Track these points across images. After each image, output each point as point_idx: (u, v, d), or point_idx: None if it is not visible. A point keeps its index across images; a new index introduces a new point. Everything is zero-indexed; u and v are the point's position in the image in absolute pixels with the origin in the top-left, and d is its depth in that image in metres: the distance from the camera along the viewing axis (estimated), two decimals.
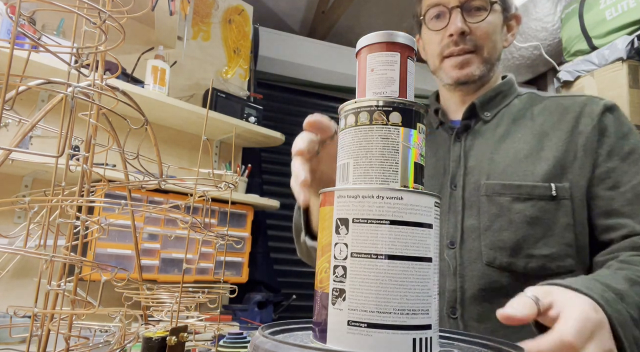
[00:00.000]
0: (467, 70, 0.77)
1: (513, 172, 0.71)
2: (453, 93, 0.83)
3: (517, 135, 0.76)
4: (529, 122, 0.77)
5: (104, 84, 0.41)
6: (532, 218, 0.68)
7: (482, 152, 0.76)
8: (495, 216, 0.70)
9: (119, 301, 0.67)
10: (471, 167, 0.75)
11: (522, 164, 0.72)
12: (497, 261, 0.68)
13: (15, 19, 0.29)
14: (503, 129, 0.77)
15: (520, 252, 0.67)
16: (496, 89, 0.81)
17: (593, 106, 0.74)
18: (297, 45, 2.44)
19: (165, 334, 0.45)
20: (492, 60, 0.80)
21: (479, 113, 0.80)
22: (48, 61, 1.25)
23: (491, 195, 0.71)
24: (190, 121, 1.70)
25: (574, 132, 0.73)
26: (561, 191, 0.69)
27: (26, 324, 0.43)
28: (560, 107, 0.77)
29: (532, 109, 0.79)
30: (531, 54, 2.50)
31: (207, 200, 0.59)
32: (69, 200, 0.37)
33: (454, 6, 0.76)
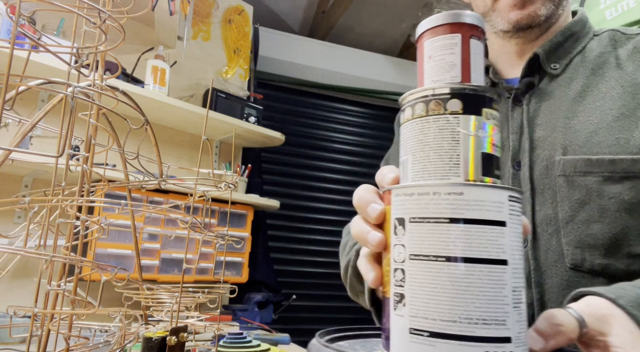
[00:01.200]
0: (531, 9, 0.59)
1: (601, 141, 0.53)
2: (509, 42, 0.65)
3: (600, 89, 0.57)
4: (614, 70, 0.58)
5: (104, 84, 0.41)
6: (633, 204, 0.51)
7: (554, 117, 0.58)
8: (579, 203, 0.53)
9: (119, 301, 0.67)
10: (539, 138, 0.58)
11: (612, 129, 0.54)
12: (586, 263, 0.52)
13: (15, 19, 0.29)
14: (580, 84, 0.59)
15: (619, 251, 0.51)
16: (565, 31, 0.62)
17: None
18: (297, 45, 2.44)
19: (165, 334, 0.45)
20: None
21: (545, 66, 0.61)
22: (48, 61, 1.25)
23: (571, 175, 0.54)
24: (190, 121, 1.70)
25: None
26: None
27: (26, 324, 0.43)
28: None
29: (616, 52, 0.60)
30: None
31: (207, 200, 0.59)
32: (69, 200, 0.37)
33: None
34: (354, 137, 2.64)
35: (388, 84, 2.63)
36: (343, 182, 2.56)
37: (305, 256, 2.40)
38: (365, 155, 2.63)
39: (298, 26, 2.73)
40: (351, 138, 2.63)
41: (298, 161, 2.49)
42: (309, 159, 2.52)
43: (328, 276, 2.43)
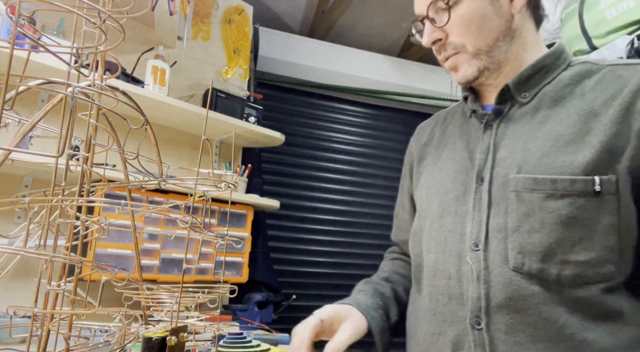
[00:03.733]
0: (461, 73, 0.71)
1: (549, 163, 0.61)
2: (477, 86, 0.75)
3: (559, 117, 0.63)
4: (577, 99, 0.64)
5: (104, 84, 0.41)
6: (569, 218, 0.58)
7: (515, 141, 0.65)
8: (525, 215, 0.61)
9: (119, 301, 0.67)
10: (501, 158, 0.66)
11: (561, 153, 0.61)
12: (525, 267, 0.59)
13: (15, 19, 0.29)
14: (544, 112, 0.65)
15: (554, 257, 0.58)
16: (536, 64, 0.69)
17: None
18: (297, 45, 2.44)
19: (165, 334, 0.45)
20: (486, 49, 0.69)
21: (515, 95, 0.69)
22: (48, 61, 1.25)
23: (521, 191, 0.62)
24: (190, 121, 1.70)
25: (629, 111, 0.59)
26: (607, 185, 0.58)
27: (26, 324, 0.43)
28: (618, 80, 0.62)
29: (583, 82, 0.65)
30: None
31: (207, 200, 0.59)
32: (69, 200, 0.37)
33: (423, 17, 0.71)
34: (354, 137, 2.64)
35: (388, 84, 2.63)
36: (343, 182, 2.56)
37: (305, 256, 2.40)
38: (365, 156, 2.63)
39: (298, 26, 2.73)
40: (351, 138, 2.63)
41: (298, 161, 2.49)
42: (309, 159, 2.52)
43: (328, 276, 2.43)
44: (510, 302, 0.60)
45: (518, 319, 0.59)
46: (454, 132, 0.78)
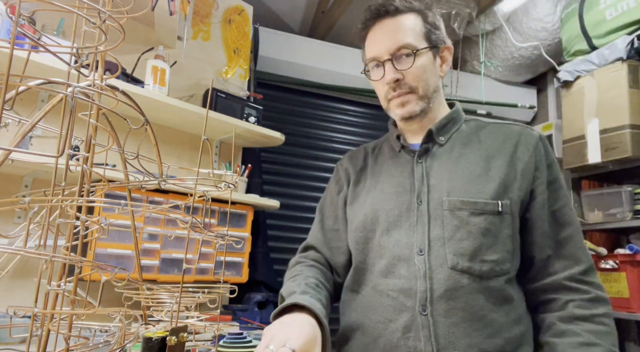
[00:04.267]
0: (408, 108, 0.91)
1: (469, 190, 0.84)
2: (409, 124, 0.97)
3: (469, 157, 0.89)
4: (477, 145, 0.91)
5: (104, 84, 0.41)
6: (485, 230, 0.82)
7: (441, 172, 0.89)
8: (456, 228, 0.82)
9: (119, 301, 0.66)
10: (433, 185, 0.88)
11: (474, 184, 0.85)
12: (459, 266, 0.80)
13: (15, 19, 0.29)
14: (457, 152, 0.91)
15: (477, 258, 0.80)
16: (448, 117, 0.95)
17: (528, 137, 0.90)
18: (297, 45, 2.43)
19: (165, 334, 0.45)
20: (429, 95, 0.93)
21: (435, 138, 0.93)
22: (48, 61, 1.25)
23: (453, 209, 0.84)
24: (190, 121, 1.70)
25: (513, 157, 0.87)
26: (505, 207, 0.83)
27: (26, 324, 0.43)
28: (501, 134, 0.92)
29: (478, 133, 0.93)
30: (531, 54, 2.50)
31: (207, 200, 0.59)
32: (69, 200, 0.37)
33: (386, 59, 0.90)
34: (354, 137, 2.64)
35: None
36: None
37: None
38: None
39: (298, 26, 2.73)
40: (351, 138, 2.63)
41: (298, 161, 2.49)
42: (309, 159, 2.52)
43: None
44: (448, 293, 0.79)
45: (453, 305, 0.79)
46: (386, 162, 0.99)
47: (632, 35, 1.90)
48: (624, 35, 1.93)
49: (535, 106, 2.83)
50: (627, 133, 1.85)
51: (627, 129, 1.85)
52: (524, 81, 2.83)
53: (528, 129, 0.92)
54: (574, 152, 2.07)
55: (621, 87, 1.90)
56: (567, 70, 2.13)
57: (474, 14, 2.37)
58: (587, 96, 2.04)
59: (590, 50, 2.07)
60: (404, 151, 0.97)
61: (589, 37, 2.06)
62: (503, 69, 2.66)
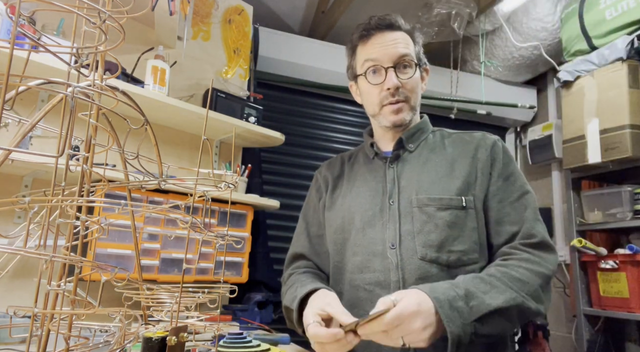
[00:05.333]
0: (401, 116, 0.99)
1: (435, 188, 0.93)
2: (387, 132, 1.05)
3: (435, 161, 0.98)
4: (442, 151, 1.01)
5: (104, 84, 0.41)
6: (451, 223, 0.90)
7: (411, 175, 0.98)
8: (424, 222, 0.91)
9: (119, 301, 0.66)
10: (403, 186, 0.97)
11: (440, 182, 0.94)
12: (428, 256, 0.88)
13: (15, 19, 0.29)
14: (424, 157, 1.00)
15: (444, 249, 0.88)
16: (417, 126, 1.05)
17: (486, 141, 0.99)
18: (297, 45, 2.43)
19: (165, 334, 0.45)
20: (416, 107, 1.03)
21: (405, 145, 1.02)
22: (48, 61, 1.25)
23: (421, 206, 0.92)
24: (190, 121, 1.70)
25: (474, 159, 0.96)
26: (468, 202, 0.92)
27: (26, 324, 0.43)
28: (463, 141, 1.01)
29: (443, 141, 1.03)
30: (531, 54, 2.50)
31: (207, 200, 0.59)
32: (69, 200, 0.37)
33: (389, 66, 0.97)
34: (354, 137, 2.64)
35: None
36: None
37: None
38: None
39: (298, 26, 2.73)
40: (351, 138, 2.63)
41: (298, 161, 2.49)
42: (309, 159, 2.51)
43: None
44: (419, 281, 0.86)
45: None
46: (360, 168, 1.08)
47: (632, 35, 1.90)
48: (624, 35, 1.93)
49: (535, 106, 2.83)
50: (627, 133, 1.85)
51: (627, 129, 1.85)
52: (524, 81, 2.83)
53: (487, 134, 1.03)
54: (574, 152, 2.07)
55: (621, 87, 1.90)
56: (567, 70, 2.13)
57: (474, 14, 2.37)
58: (587, 96, 2.04)
59: (590, 50, 2.07)
60: (377, 158, 1.05)
61: (589, 37, 2.06)
62: (503, 69, 2.66)
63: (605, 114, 1.95)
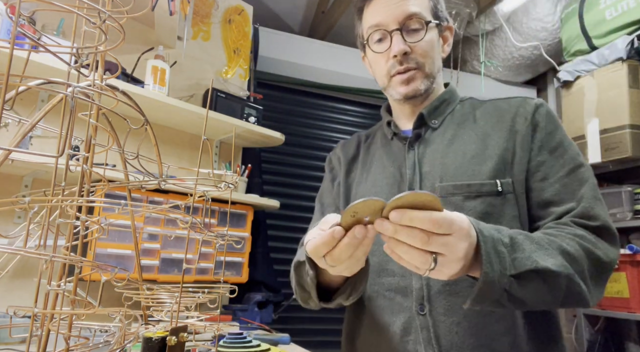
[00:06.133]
0: (413, 85, 0.84)
1: (463, 172, 0.78)
2: (403, 106, 0.90)
3: (463, 137, 0.83)
4: (472, 125, 0.84)
5: (104, 84, 0.41)
6: (484, 213, 0.74)
7: (434, 157, 0.83)
8: None
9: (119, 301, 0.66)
10: (425, 172, 0.82)
11: (469, 164, 0.78)
12: None
13: (15, 19, 0.29)
14: (450, 134, 0.84)
15: None
16: (440, 98, 0.89)
17: (526, 106, 0.81)
18: (297, 45, 2.43)
19: (165, 334, 0.45)
20: (434, 74, 0.86)
21: (427, 121, 0.87)
22: (48, 61, 1.25)
23: (446, 196, 0.77)
24: (190, 121, 1.70)
25: (511, 131, 0.79)
26: (505, 186, 0.75)
27: (26, 324, 0.43)
28: (498, 110, 0.84)
29: (474, 112, 0.87)
30: (531, 54, 2.50)
31: (207, 200, 0.59)
32: (69, 200, 0.37)
33: (394, 29, 0.82)
34: None
35: None
36: None
37: None
38: None
39: (298, 26, 2.73)
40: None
41: (298, 161, 2.49)
42: (309, 159, 2.52)
43: None
44: (446, 288, 0.73)
45: (453, 302, 0.72)
46: (377, 151, 0.93)
47: (632, 35, 1.90)
48: (624, 35, 1.93)
49: None
50: (627, 133, 1.85)
51: (627, 129, 1.85)
52: (524, 81, 2.83)
53: (528, 98, 0.83)
54: None
55: (621, 87, 1.90)
56: (567, 70, 2.13)
57: (474, 14, 2.37)
58: (587, 96, 2.04)
59: (590, 50, 2.07)
60: (396, 139, 0.90)
61: (589, 37, 2.06)
62: (503, 69, 2.66)
63: (605, 114, 1.95)
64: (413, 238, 0.52)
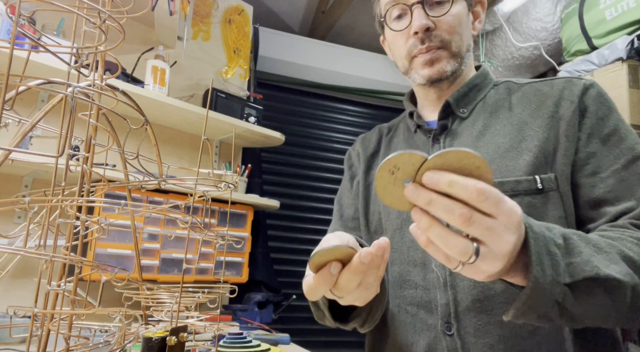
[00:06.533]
0: (438, 67, 0.73)
1: (495, 169, 0.67)
2: (427, 91, 0.79)
3: (496, 128, 0.71)
4: (507, 113, 0.72)
5: (104, 84, 0.41)
6: None
7: None
8: None
9: (119, 301, 0.66)
10: None
11: (503, 159, 0.67)
12: None
13: (15, 19, 0.29)
14: (481, 124, 0.73)
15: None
16: (470, 83, 0.77)
17: (572, 88, 0.68)
18: (297, 45, 2.44)
19: (165, 334, 0.45)
20: (462, 53, 0.74)
21: (455, 110, 0.76)
22: (48, 61, 1.25)
23: None
24: (190, 121, 1.70)
25: (554, 118, 0.67)
26: (547, 183, 0.64)
27: (26, 324, 0.43)
28: (538, 93, 0.72)
29: (509, 98, 0.74)
30: (531, 54, 2.50)
31: (207, 200, 0.59)
32: (69, 200, 0.37)
33: (415, 2, 0.71)
34: (354, 137, 2.64)
35: (388, 84, 2.63)
36: None
37: (305, 256, 2.40)
38: None
39: (298, 26, 2.73)
40: (351, 138, 2.63)
41: (298, 161, 2.49)
42: (309, 159, 2.52)
43: None
44: (477, 304, 0.62)
45: (485, 320, 0.61)
46: (399, 145, 0.83)
47: (632, 35, 1.90)
48: (624, 35, 1.93)
49: None
50: None
51: None
52: None
53: (575, 79, 0.70)
54: None
55: (621, 87, 1.90)
56: (567, 70, 2.13)
57: None
58: None
59: (590, 50, 2.07)
60: (420, 131, 0.79)
61: (589, 37, 2.06)
62: (503, 69, 2.66)
63: None
64: (451, 212, 0.40)
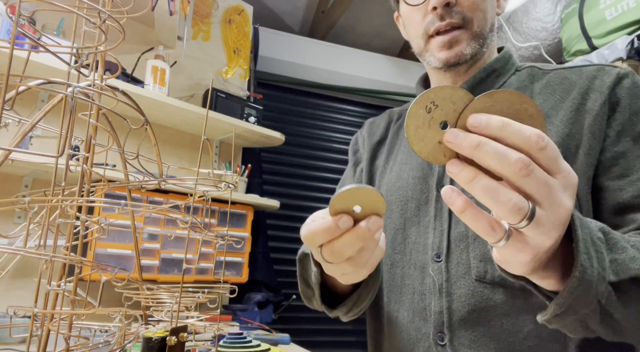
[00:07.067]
0: (457, 49, 0.65)
1: None
2: (443, 76, 0.71)
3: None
4: None
5: (104, 84, 0.41)
6: None
7: None
8: None
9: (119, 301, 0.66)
10: None
11: None
12: (488, 275, 0.57)
13: (15, 19, 0.29)
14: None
15: None
16: (487, 68, 0.69)
17: (604, 77, 0.60)
18: (297, 45, 2.44)
19: (165, 334, 0.45)
20: (484, 34, 0.67)
21: None
22: (48, 61, 1.25)
23: None
24: (190, 121, 1.70)
25: (579, 111, 0.59)
26: None
27: (26, 324, 0.43)
28: (564, 82, 0.63)
29: (532, 86, 0.66)
30: (531, 54, 2.50)
31: (207, 200, 0.59)
32: (69, 200, 0.37)
33: None
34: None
35: (388, 84, 2.63)
36: None
37: None
38: None
39: (298, 26, 2.73)
40: (351, 138, 2.64)
41: (298, 161, 2.49)
42: (309, 159, 2.52)
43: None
44: (474, 315, 0.58)
45: (481, 333, 0.57)
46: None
47: (632, 35, 1.90)
48: (624, 35, 1.93)
49: None
50: None
51: None
52: None
53: (608, 67, 0.62)
54: None
55: None
56: None
57: None
58: None
59: (590, 50, 2.07)
60: None
61: (589, 37, 2.07)
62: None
63: None
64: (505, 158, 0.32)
